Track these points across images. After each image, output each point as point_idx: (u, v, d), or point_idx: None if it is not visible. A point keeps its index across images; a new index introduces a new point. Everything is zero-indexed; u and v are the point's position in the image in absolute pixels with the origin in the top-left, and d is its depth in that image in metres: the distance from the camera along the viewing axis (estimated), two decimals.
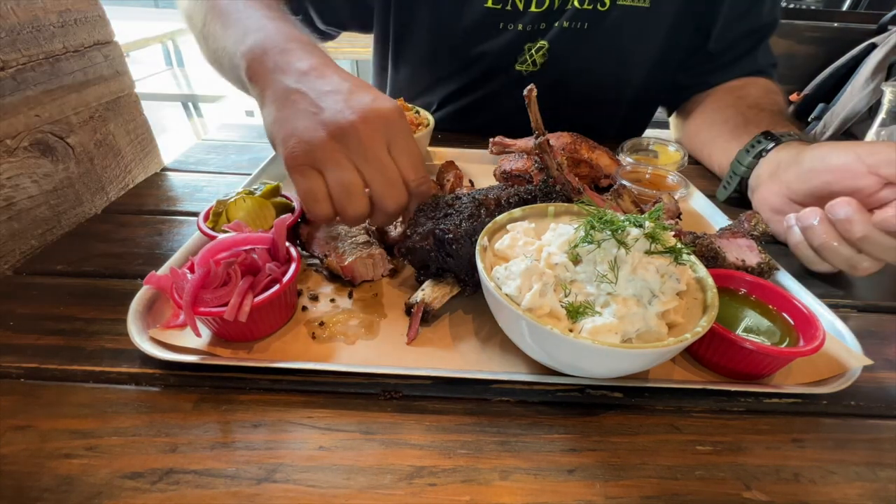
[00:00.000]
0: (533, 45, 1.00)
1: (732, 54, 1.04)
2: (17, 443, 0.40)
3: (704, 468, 0.40)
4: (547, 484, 0.38)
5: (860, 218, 0.56)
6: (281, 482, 0.37)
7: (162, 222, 0.73)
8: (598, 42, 0.99)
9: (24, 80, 0.66)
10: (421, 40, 1.05)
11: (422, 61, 1.10)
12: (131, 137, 0.87)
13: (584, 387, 0.47)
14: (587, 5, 0.95)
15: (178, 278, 0.47)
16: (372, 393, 0.46)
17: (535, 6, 0.96)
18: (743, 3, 0.99)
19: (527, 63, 1.03)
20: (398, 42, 1.09)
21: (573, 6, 0.95)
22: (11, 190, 0.65)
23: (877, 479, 0.40)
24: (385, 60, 1.15)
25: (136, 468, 0.38)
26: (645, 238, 0.44)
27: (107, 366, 0.47)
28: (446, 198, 0.59)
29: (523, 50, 1.01)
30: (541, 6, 0.96)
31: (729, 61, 1.04)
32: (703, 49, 1.04)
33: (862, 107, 1.55)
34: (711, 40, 1.02)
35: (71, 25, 0.73)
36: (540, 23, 0.98)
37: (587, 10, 0.95)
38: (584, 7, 0.95)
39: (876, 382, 0.49)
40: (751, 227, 0.63)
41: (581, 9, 0.95)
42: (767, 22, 1.03)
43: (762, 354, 0.45)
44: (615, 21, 0.96)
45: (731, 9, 0.98)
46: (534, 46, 1.01)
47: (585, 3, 0.95)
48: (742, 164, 0.80)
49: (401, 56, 1.11)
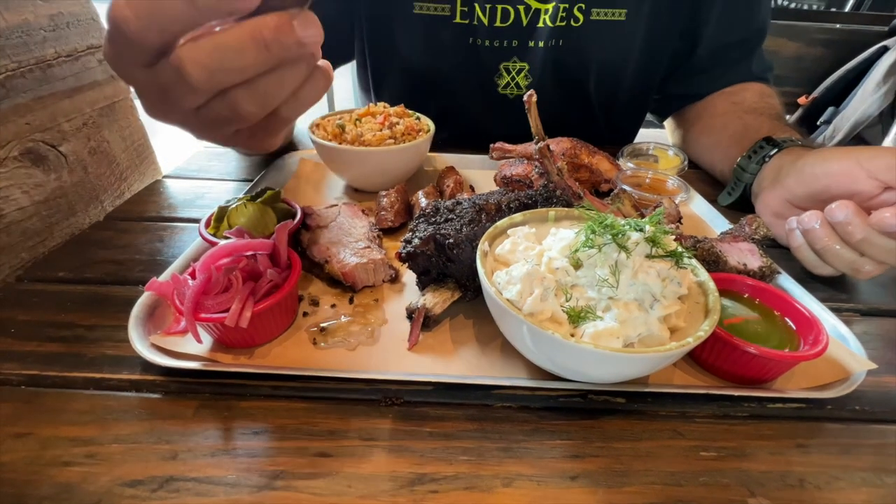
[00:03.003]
0: (511, 65, 1.01)
1: (724, 65, 1.03)
2: (16, 450, 0.39)
3: (708, 474, 0.40)
4: (550, 491, 0.38)
5: (858, 220, 0.56)
6: (282, 489, 0.37)
7: (163, 229, 0.73)
8: (576, 58, 0.99)
9: (13, 88, 0.63)
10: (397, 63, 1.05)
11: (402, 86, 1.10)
12: (127, 144, 0.85)
13: (587, 392, 0.46)
14: (560, 22, 0.95)
15: (180, 285, 0.47)
16: (373, 399, 0.46)
17: (499, 21, 0.96)
18: (731, 13, 0.98)
19: (511, 87, 1.04)
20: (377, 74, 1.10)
21: (545, 24, 0.95)
22: (1, 202, 0.62)
23: (882, 485, 0.40)
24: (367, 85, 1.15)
25: (136, 476, 0.38)
26: (646, 242, 0.44)
27: (107, 372, 0.47)
28: (447, 203, 0.59)
29: (500, 71, 1.02)
30: (506, 21, 0.96)
31: (721, 71, 1.04)
32: (691, 57, 1.03)
33: (873, 111, 1.55)
34: (698, 50, 1.01)
35: (63, 29, 0.70)
36: (511, 40, 0.98)
37: (560, 27, 0.96)
38: (557, 24, 0.95)
39: (880, 387, 0.49)
40: (752, 230, 0.63)
41: (554, 27, 0.95)
42: (757, 31, 1.02)
43: (765, 359, 0.45)
44: (591, 36, 0.97)
45: (719, 19, 0.98)
46: (513, 68, 1.01)
47: (558, 20, 0.95)
48: (745, 171, 0.80)
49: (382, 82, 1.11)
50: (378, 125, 0.80)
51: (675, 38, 1.02)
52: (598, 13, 0.95)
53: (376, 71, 1.11)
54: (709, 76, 1.04)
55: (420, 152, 0.82)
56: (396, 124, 0.80)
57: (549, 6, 0.94)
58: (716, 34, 1.00)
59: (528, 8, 0.94)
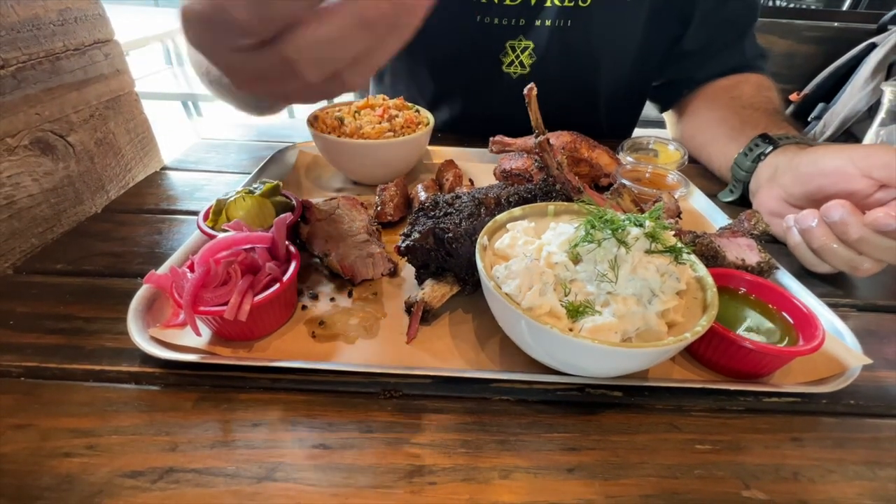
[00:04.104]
0: (517, 43, 1.00)
1: (715, 46, 1.03)
2: (17, 441, 0.40)
3: (704, 467, 0.40)
4: (547, 483, 0.38)
5: (854, 220, 0.56)
6: (281, 481, 0.38)
7: (162, 221, 0.73)
8: (582, 39, 0.99)
9: (24, 79, 0.66)
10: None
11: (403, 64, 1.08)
12: (131, 136, 0.87)
13: (584, 386, 0.47)
14: (568, 2, 0.95)
15: (178, 277, 0.47)
16: (372, 392, 0.46)
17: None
18: None
19: (514, 65, 1.03)
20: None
21: (553, 3, 0.95)
22: (12, 188, 0.65)
23: (875, 478, 0.40)
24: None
25: (137, 467, 0.38)
26: (645, 237, 0.44)
27: (107, 364, 0.47)
28: (446, 197, 0.59)
29: (506, 49, 1.01)
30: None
31: (712, 52, 1.03)
32: (684, 37, 1.03)
33: (862, 106, 1.55)
34: (690, 30, 1.01)
35: (71, 24, 0.73)
36: (518, 18, 0.97)
37: (568, 7, 0.95)
38: (565, 4, 0.95)
39: (875, 382, 0.49)
40: (751, 226, 0.63)
41: (563, 6, 0.95)
42: (746, 11, 1.02)
43: (762, 354, 0.45)
44: (598, 17, 0.96)
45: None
46: (518, 47, 1.00)
47: (566, 0, 0.95)
48: (742, 169, 0.80)
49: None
50: (377, 118, 0.79)
51: (674, 22, 1.02)
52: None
53: None
54: (702, 57, 1.04)
55: (419, 145, 0.82)
56: (396, 117, 0.80)
57: None
58: (707, 11, 0.99)
59: None
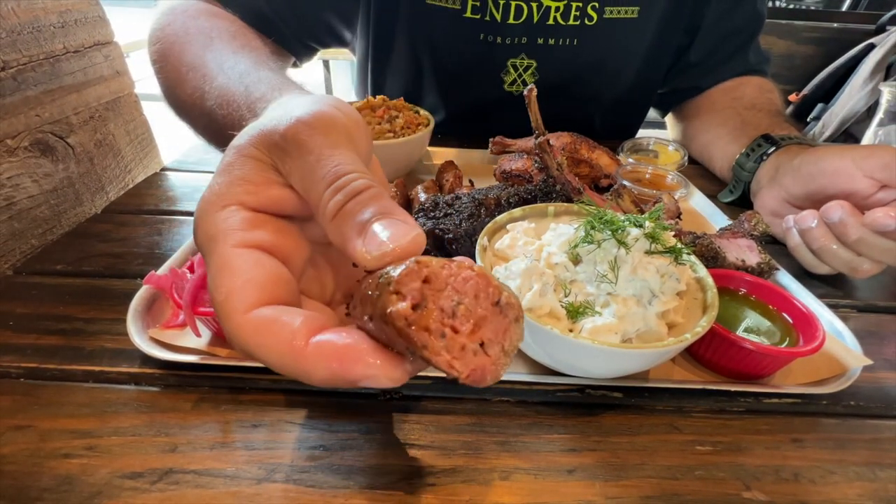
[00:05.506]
0: (518, 62, 0.99)
1: (721, 55, 1.03)
2: (16, 442, 0.40)
3: (704, 468, 0.40)
4: (547, 484, 0.38)
5: (853, 221, 0.56)
6: (281, 482, 0.37)
7: (162, 222, 0.73)
8: (587, 57, 0.98)
9: (24, 81, 0.66)
10: (401, 55, 1.03)
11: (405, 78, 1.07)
12: (131, 137, 0.87)
13: (584, 387, 0.47)
14: (573, 21, 0.93)
15: (178, 278, 0.47)
16: (371, 393, 0.46)
17: (512, 18, 0.94)
18: (726, 2, 0.98)
19: (517, 84, 1.02)
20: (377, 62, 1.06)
21: (556, 21, 0.94)
22: (12, 189, 0.65)
23: (876, 479, 0.40)
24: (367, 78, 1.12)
25: (136, 468, 0.38)
26: (645, 238, 0.44)
27: (106, 365, 0.47)
28: (446, 198, 0.59)
29: (507, 67, 1.00)
30: (518, 18, 0.94)
31: (719, 62, 1.03)
32: (691, 47, 1.03)
33: (860, 107, 1.56)
34: (696, 41, 1.01)
35: (71, 26, 0.73)
36: (521, 37, 0.96)
37: (574, 25, 0.94)
38: (569, 23, 0.93)
39: (876, 382, 0.49)
40: (751, 226, 0.63)
41: (567, 25, 0.94)
42: (753, 20, 1.02)
43: (762, 354, 0.45)
44: (604, 34, 0.95)
45: (714, 8, 0.98)
46: (521, 65, 1.00)
47: (570, 18, 0.93)
48: (744, 169, 0.80)
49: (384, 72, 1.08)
50: (377, 118, 0.79)
51: (681, 33, 1.01)
52: (611, 11, 0.93)
53: (377, 63, 1.09)
54: (708, 66, 1.04)
55: (420, 146, 0.82)
56: (396, 118, 0.80)
57: (560, 3, 0.92)
58: (715, 22, 0.99)
59: (539, 5, 0.93)
